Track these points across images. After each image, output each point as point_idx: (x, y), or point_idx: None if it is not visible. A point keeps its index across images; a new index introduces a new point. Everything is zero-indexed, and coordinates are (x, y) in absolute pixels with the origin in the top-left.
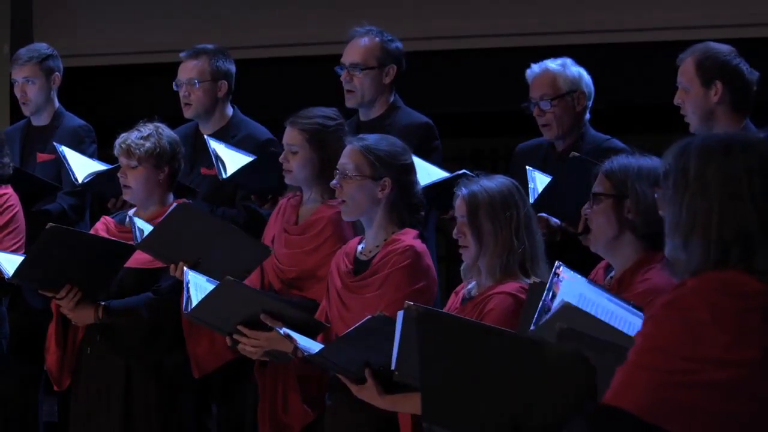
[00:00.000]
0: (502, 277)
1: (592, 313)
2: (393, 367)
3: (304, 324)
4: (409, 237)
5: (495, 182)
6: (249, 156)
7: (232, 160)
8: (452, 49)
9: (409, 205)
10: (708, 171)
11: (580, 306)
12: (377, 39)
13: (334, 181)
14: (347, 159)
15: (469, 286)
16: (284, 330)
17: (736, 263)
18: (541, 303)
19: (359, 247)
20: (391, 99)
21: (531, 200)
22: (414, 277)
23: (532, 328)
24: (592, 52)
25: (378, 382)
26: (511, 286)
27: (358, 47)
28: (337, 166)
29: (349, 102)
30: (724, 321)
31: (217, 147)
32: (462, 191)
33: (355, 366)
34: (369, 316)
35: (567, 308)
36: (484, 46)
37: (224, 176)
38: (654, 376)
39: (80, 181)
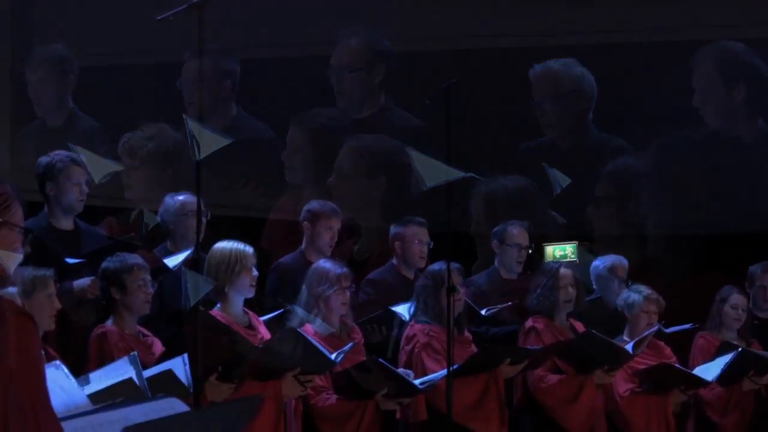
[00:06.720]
0: None
1: None
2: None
3: None
4: None
5: (515, 183)
6: (229, 140)
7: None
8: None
9: (404, 204)
10: (687, 170)
11: None
12: (365, 40)
13: (330, 179)
14: (343, 159)
15: None
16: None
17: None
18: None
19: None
20: (382, 98)
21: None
22: None
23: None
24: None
25: None
26: None
27: (346, 49)
28: (334, 166)
29: (340, 102)
30: None
31: (194, 127)
32: (480, 190)
33: None
34: None
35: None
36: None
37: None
38: None
39: (96, 182)
